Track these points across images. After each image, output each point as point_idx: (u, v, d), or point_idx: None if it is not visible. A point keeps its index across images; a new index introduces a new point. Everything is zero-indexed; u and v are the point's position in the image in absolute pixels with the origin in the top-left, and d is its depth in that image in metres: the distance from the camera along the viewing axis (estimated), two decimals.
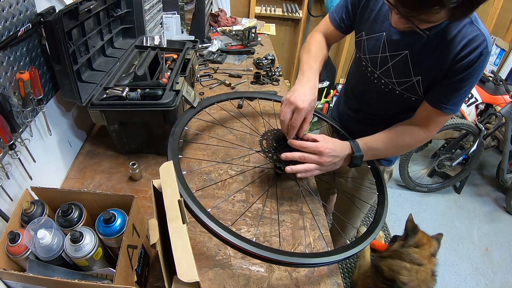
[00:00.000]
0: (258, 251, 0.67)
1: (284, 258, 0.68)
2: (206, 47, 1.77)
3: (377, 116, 1.02)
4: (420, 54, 0.82)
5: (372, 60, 0.92)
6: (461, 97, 0.81)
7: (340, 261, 0.75)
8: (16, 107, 0.75)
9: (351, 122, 1.12)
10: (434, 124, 0.88)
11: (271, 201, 0.97)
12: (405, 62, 0.84)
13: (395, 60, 0.86)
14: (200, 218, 0.69)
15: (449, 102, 0.82)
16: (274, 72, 1.61)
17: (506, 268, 2.14)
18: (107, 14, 1.12)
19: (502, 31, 2.95)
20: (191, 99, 0.99)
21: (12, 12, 0.71)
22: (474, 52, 0.74)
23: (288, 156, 0.82)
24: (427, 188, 2.62)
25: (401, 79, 0.87)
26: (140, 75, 0.98)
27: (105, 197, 0.71)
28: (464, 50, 0.75)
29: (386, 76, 0.91)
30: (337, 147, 0.85)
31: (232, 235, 0.68)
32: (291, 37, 3.13)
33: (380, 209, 0.91)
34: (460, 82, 0.79)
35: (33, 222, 0.64)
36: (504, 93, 2.40)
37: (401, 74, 0.87)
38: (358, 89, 1.06)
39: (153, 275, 0.76)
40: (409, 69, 0.84)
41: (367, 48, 0.93)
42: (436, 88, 0.83)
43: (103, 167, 1.03)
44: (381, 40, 0.88)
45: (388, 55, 0.87)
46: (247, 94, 1.23)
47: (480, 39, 0.74)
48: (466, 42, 0.75)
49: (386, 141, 0.90)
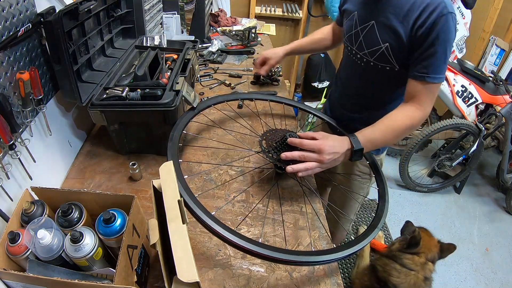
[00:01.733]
0: (265, 252, 0.67)
1: (291, 257, 0.68)
2: (206, 47, 1.77)
3: (363, 99, 1.09)
4: (385, 22, 0.89)
5: (349, 38, 1.01)
6: (438, 62, 0.83)
7: (346, 257, 0.76)
8: (16, 107, 0.75)
9: (340, 111, 1.17)
10: (425, 98, 0.88)
11: (271, 201, 0.97)
12: (372, 32, 0.92)
13: (364, 32, 0.95)
14: (205, 222, 0.69)
15: (429, 70, 0.84)
16: (274, 72, 1.61)
17: (506, 268, 2.14)
18: (107, 14, 1.12)
19: (502, 31, 2.95)
20: (191, 99, 0.99)
21: (12, 12, 0.71)
22: (433, 14, 0.79)
23: (288, 155, 0.82)
24: (427, 188, 2.62)
25: (372, 48, 0.94)
26: (140, 75, 0.98)
27: (105, 197, 0.71)
28: (423, 15, 0.80)
29: (360, 49, 0.98)
30: (336, 143, 0.85)
31: (237, 237, 0.68)
32: (291, 37, 3.12)
33: (382, 204, 0.91)
34: (430, 47, 0.82)
35: (33, 222, 0.64)
36: (504, 93, 2.40)
37: (371, 43, 0.93)
38: (344, 72, 1.14)
39: (153, 275, 0.76)
40: (376, 37, 0.91)
41: (346, 30, 1.02)
42: (412, 62, 0.87)
43: (103, 167, 1.03)
44: (353, 19, 0.98)
45: (359, 29, 0.96)
46: (244, 96, 1.23)
47: (437, 2, 0.79)
48: (424, 6, 0.80)
49: (384, 129, 0.89)
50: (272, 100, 1.23)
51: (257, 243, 0.68)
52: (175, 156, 0.81)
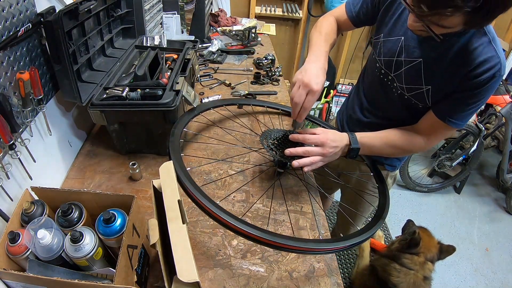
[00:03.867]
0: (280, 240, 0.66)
1: (301, 244, 0.68)
2: (206, 47, 1.77)
3: (384, 120, 1.01)
4: (434, 64, 0.81)
5: (386, 62, 0.92)
6: (467, 113, 0.82)
7: (356, 245, 0.77)
8: (16, 107, 0.75)
9: (358, 126, 1.10)
10: (436, 134, 0.89)
11: (271, 201, 0.97)
12: (418, 70, 0.84)
13: (408, 66, 0.86)
14: (209, 208, 0.68)
15: (455, 116, 0.82)
16: (274, 72, 1.61)
17: (506, 268, 2.14)
18: (107, 14, 1.12)
19: (502, 31, 2.95)
20: (191, 99, 0.99)
21: (12, 12, 0.71)
22: (488, 72, 0.74)
23: (292, 151, 0.84)
24: (427, 188, 2.62)
25: (411, 85, 0.87)
26: (140, 75, 0.98)
27: (105, 197, 0.71)
28: (478, 69, 0.75)
29: (398, 79, 0.90)
30: (337, 137, 0.88)
31: (251, 227, 0.67)
32: (291, 37, 3.13)
33: (382, 199, 0.94)
34: (469, 98, 0.79)
35: (33, 222, 0.64)
36: (504, 93, 2.39)
37: (412, 80, 0.86)
38: (370, 89, 1.05)
39: (153, 275, 0.76)
40: (420, 77, 0.84)
41: (383, 51, 0.92)
42: (445, 101, 0.83)
43: (103, 167, 1.03)
44: (398, 44, 0.87)
45: (403, 59, 0.86)
46: (242, 101, 1.26)
47: (495, 60, 0.73)
48: (481, 60, 0.74)
49: (384, 141, 0.91)
50: (269, 107, 1.25)
51: (266, 231, 0.67)
52: (177, 150, 0.81)
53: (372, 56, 1.00)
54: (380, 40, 0.93)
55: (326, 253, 0.83)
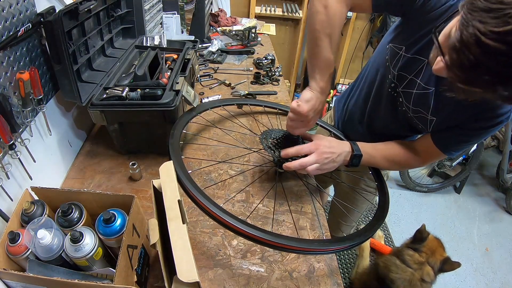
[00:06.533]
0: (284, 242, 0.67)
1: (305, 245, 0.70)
2: (206, 47, 1.77)
3: (379, 133, 1.00)
4: (445, 98, 0.78)
5: (400, 77, 0.85)
6: (464, 146, 0.84)
7: (357, 245, 0.79)
8: (16, 107, 0.75)
9: (353, 132, 1.11)
10: (431, 158, 0.92)
11: (271, 201, 0.97)
12: (428, 98, 0.81)
13: (420, 91, 0.81)
14: (212, 211, 0.68)
15: (452, 148, 0.85)
16: (274, 72, 1.61)
17: (506, 268, 2.14)
18: (107, 14, 1.12)
19: None
20: (191, 99, 0.99)
21: (12, 12, 0.71)
22: (496, 118, 0.74)
23: (288, 153, 0.85)
24: (427, 188, 2.62)
25: (417, 108, 0.84)
26: (140, 75, 0.98)
27: (105, 197, 0.71)
28: (487, 112, 0.75)
29: (405, 97, 0.86)
30: (334, 143, 0.87)
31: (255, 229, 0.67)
32: (291, 37, 3.13)
33: (382, 197, 0.94)
34: (470, 136, 0.81)
35: (33, 222, 0.64)
36: None
37: (419, 105, 0.83)
38: (374, 98, 0.98)
39: (153, 275, 0.76)
40: (428, 105, 0.81)
41: (400, 64, 0.84)
42: (445, 132, 0.83)
43: (103, 167, 1.03)
44: (420, 65, 0.80)
45: (418, 81, 0.81)
46: (240, 101, 1.26)
47: (507, 107, 0.73)
48: (494, 106, 0.74)
49: (385, 155, 0.93)
50: (267, 106, 1.25)
51: (266, 231, 0.68)
52: (177, 152, 0.81)
53: (385, 61, 0.88)
54: (401, 53, 0.83)
55: (327, 253, 0.83)
